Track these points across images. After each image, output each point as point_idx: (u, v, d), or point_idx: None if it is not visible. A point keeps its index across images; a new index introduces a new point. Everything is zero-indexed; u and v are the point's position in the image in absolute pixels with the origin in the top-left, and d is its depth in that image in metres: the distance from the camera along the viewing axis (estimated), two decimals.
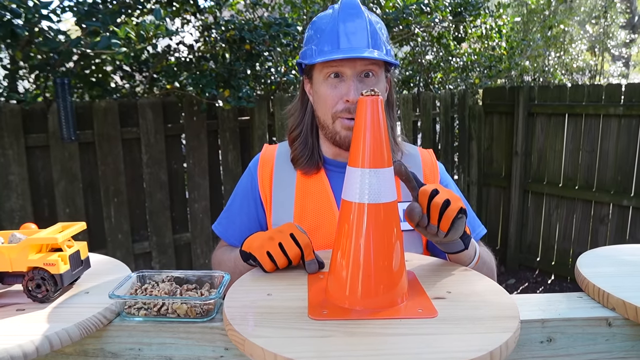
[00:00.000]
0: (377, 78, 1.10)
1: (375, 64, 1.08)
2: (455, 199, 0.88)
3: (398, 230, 0.81)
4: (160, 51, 3.23)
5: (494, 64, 4.43)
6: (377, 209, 0.78)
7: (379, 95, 0.78)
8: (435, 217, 0.88)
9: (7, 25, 1.84)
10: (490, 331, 0.69)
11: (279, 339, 0.68)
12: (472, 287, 0.86)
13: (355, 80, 1.07)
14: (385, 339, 0.68)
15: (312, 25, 1.14)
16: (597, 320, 0.83)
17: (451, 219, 0.87)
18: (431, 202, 0.88)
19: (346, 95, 1.06)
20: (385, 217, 0.79)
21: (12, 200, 2.53)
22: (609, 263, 0.99)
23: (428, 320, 0.74)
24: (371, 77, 1.09)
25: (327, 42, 1.07)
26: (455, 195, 0.90)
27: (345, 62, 1.06)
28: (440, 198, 0.87)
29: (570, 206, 4.04)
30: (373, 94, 0.78)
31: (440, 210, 0.87)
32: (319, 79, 1.11)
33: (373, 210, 0.78)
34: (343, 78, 1.08)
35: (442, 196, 0.87)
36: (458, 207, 0.87)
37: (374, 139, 0.77)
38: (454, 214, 0.87)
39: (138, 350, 0.80)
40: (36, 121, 2.56)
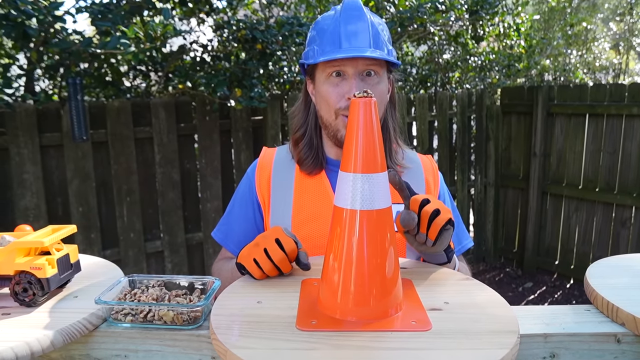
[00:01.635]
0: (379, 77, 1.09)
1: (377, 63, 1.07)
2: (445, 210, 0.90)
3: (392, 238, 0.77)
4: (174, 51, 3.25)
5: (512, 63, 4.33)
6: (370, 215, 0.75)
7: (372, 97, 0.75)
8: (425, 225, 0.89)
9: (19, 26, 1.85)
10: (485, 347, 0.66)
11: (262, 351, 0.65)
12: (471, 298, 0.82)
13: (357, 78, 1.06)
14: (373, 353, 0.65)
15: (315, 26, 1.13)
16: (604, 336, 0.78)
17: (439, 228, 0.89)
18: (422, 210, 0.89)
19: (348, 92, 1.05)
20: (378, 224, 0.75)
21: (26, 199, 2.57)
22: (621, 274, 0.93)
23: (421, 333, 0.70)
24: (373, 76, 1.07)
25: (329, 42, 1.06)
26: (446, 207, 0.91)
27: (347, 61, 1.05)
28: (430, 207, 0.89)
29: (591, 209, 3.92)
30: (366, 95, 0.74)
31: (429, 218, 0.89)
32: (321, 79, 1.10)
33: (365, 217, 0.75)
34: (345, 76, 1.07)
35: (432, 205, 0.90)
36: (447, 218, 0.90)
37: (366, 142, 0.74)
38: (442, 223, 0.89)
39: (124, 357, 0.79)
40: (50, 120, 2.59)
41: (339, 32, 1.05)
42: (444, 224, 0.89)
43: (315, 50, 1.08)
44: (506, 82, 4.62)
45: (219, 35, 2.92)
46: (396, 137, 1.19)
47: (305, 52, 1.14)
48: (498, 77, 4.77)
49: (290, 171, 1.18)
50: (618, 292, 0.84)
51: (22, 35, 1.87)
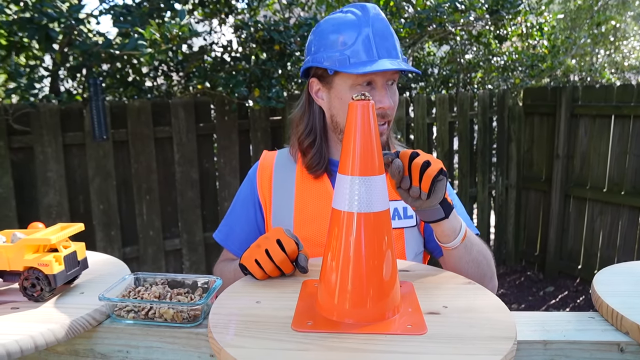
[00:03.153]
0: (396, 85, 1.13)
1: (397, 73, 1.10)
2: (436, 161, 0.90)
3: (389, 240, 0.77)
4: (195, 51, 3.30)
5: (535, 64, 4.24)
6: (368, 218, 0.75)
7: (370, 100, 0.75)
8: (417, 177, 0.89)
9: (43, 29, 1.91)
10: (479, 352, 0.65)
11: (255, 350, 0.66)
12: (471, 302, 0.81)
13: (386, 88, 1.08)
14: (365, 355, 0.65)
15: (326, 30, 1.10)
16: (607, 345, 0.76)
17: (431, 178, 0.87)
18: (412, 163, 0.89)
19: (380, 102, 1.07)
20: (376, 226, 0.75)
21: (50, 196, 2.65)
22: (630, 281, 0.91)
23: (415, 337, 0.70)
24: (394, 85, 1.11)
25: (364, 51, 1.05)
26: (436, 159, 0.91)
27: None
28: (420, 159, 0.89)
29: (616, 212, 3.81)
30: (363, 98, 0.74)
31: (420, 170, 0.88)
32: (344, 86, 1.08)
33: (363, 219, 0.75)
34: (374, 86, 1.08)
35: (422, 158, 0.89)
36: (438, 168, 0.88)
37: (364, 145, 0.74)
38: (434, 173, 0.88)
39: (126, 352, 0.81)
40: (73, 120, 2.66)
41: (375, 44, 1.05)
42: (436, 174, 0.87)
43: (345, 57, 1.05)
44: (529, 83, 4.53)
45: (238, 37, 2.95)
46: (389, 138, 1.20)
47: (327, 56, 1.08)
48: (521, 77, 4.68)
49: (291, 173, 1.19)
50: (624, 299, 0.82)
51: (45, 37, 1.93)
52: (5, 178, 2.51)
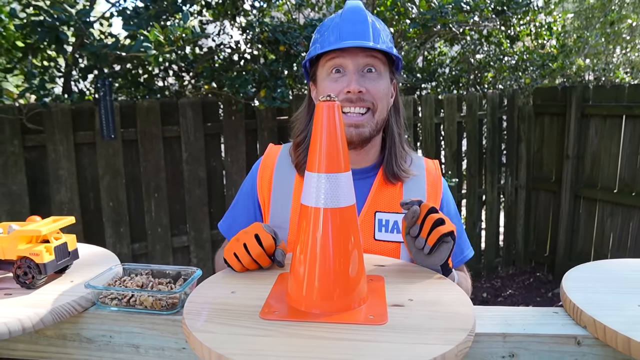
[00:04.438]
0: (379, 74, 1.10)
1: (378, 59, 1.09)
2: (450, 224, 0.93)
3: (356, 235, 0.81)
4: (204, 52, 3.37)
5: (546, 63, 4.21)
6: (334, 213, 0.79)
7: (336, 101, 0.79)
8: (427, 229, 0.92)
9: (53, 32, 2.00)
10: (431, 342, 0.68)
11: (220, 335, 0.70)
12: (438, 296, 0.84)
13: (357, 74, 1.07)
14: (320, 342, 0.69)
15: (319, 29, 1.16)
16: (564, 338, 0.79)
17: (440, 234, 0.91)
18: (428, 214, 0.93)
19: (347, 86, 1.07)
20: (342, 221, 0.79)
21: (61, 193, 2.74)
22: (596, 278, 0.93)
23: (374, 327, 0.73)
24: (373, 73, 1.09)
25: (330, 36, 1.09)
26: (451, 222, 0.94)
27: (347, 55, 1.07)
28: (436, 215, 0.93)
29: (627, 214, 3.76)
30: (329, 99, 0.78)
31: (433, 224, 0.92)
32: (322, 76, 1.13)
33: (329, 214, 0.79)
34: (345, 72, 1.08)
35: (439, 215, 0.93)
36: (450, 229, 0.92)
37: (329, 144, 0.78)
38: (444, 230, 0.92)
39: (110, 337, 0.86)
40: (84, 120, 2.75)
41: (340, 28, 1.08)
42: (445, 233, 0.91)
43: (316, 47, 1.11)
44: (539, 82, 4.49)
45: (245, 38, 3.01)
46: (402, 143, 1.18)
47: (308, 53, 1.16)
48: (532, 77, 4.64)
49: (292, 171, 1.19)
50: (586, 295, 0.85)
51: (55, 40, 2.01)
52: (19, 175, 2.61)
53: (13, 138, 2.56)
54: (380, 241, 1.10)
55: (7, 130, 2.54)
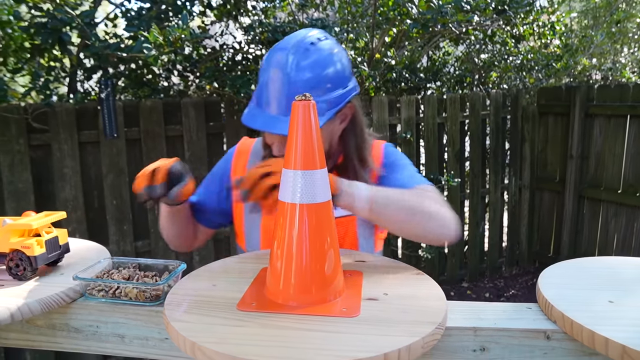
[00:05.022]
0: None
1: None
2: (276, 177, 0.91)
3: (331, 230, 0.84)
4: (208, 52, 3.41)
5: (550, 63, 4.20)
6: (310, 208, 0.81)
7: (311, 100, 0.81)
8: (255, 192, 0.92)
9: (55, 33, 2.04)
10: (398, 334, 0.71)
11: (196, 325, 0.73)
12: (413, 291, 0.87)
13: (279, 142, 1.09)
14: (291, 332, 0.71)
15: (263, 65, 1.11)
16: (534, 333, 0.80)
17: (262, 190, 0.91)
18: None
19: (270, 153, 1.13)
20: (318, 217, 0.82)
21: (66, 191, 2.79)
22: (576, 275, 0.95)
23: (346, 319, 0.76)
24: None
25: (254, 100, 1.10)
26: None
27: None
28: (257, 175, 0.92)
29: (631, 214, 3.74)
30: (304, 98, 0.81)
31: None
32: None
33: (305, 209, 0.81)
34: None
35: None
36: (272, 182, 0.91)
37: (305, 142, 0.81)
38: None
39: (96, 327, 0.90)
40: (88, 119, 2.80)
41: (261, 94, 1.07)
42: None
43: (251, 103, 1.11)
44: (544, 82, 4.48)
45: (246, 38, 3.05)
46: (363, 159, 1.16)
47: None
48: (539, 76, 4.63)
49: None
50: (559, 291, 0.86)
51: (58, 41, 2.06)
52: (25, 174, 2.66)
53: (19, 137, 2.62)
54: (339, 217, 1.10)
55: (13, 130, 2.60)
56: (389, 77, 3.55)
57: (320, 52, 1.05)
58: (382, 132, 3.68)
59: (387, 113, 3.68)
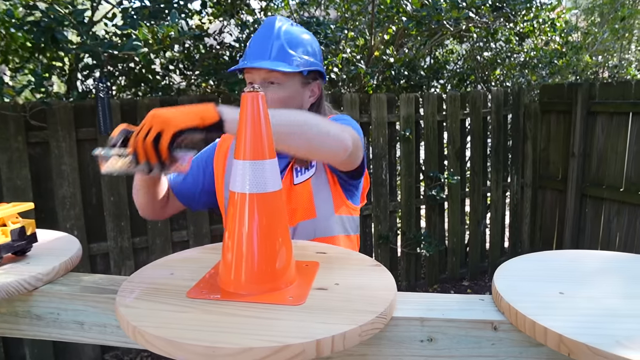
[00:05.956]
0: (281, 86, 1.24)
1: (280, 74, 1.23)
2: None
3: (283, 219, 0.85)
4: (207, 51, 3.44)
5: (553, 61, 4.16)
6: (260, 198, 0.82)
7: (260, 91, 0.82)
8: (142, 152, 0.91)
9: (49, 32, 2.09)
10: (337, 322, 0.71)
11: (141, 311, 0.75)
12: (365, 281, 0.87)
13: (264, 85, 1.24)
14: (232, 318, 0.73)
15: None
16: (481, 323, 0.80)
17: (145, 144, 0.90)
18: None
19: None
20: (268, 206, 0.83)
21: (64, 188, 2.84)
22: (534, 267, 0.94)
23: (289, 307, 0.77)
24: (273, 85, 1.24)
25: (245, 52, 1.28)
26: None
27: (253, 71, 1.24)
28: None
29: (633, 213, 3.69)
30: (253, 90, 0.82)
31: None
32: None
33: (255, 199, 0.82)
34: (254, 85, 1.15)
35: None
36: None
37: (254, 132, 0.82)
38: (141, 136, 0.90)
39: (57, 314, 0.92)
40: (86, 117, 2.84)
41: (250, 46, 1.26)
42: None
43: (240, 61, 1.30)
44: (548, 80, 4.43)
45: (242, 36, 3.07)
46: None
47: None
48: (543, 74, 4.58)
49: None
50: (511, 283, 0.86)
51: (52, 40, 2.10)
52: (23, 171, 2.72)
53: (17, 135, 2.67)
54: (298, 184, 1.26)
55: (12, 127, 2.66)
56: (387, 74, 3.55)
57: (300, 27, 1.30)
58: (381, 130, 3.68)
59: (385, 111, 3.67)
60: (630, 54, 5.02)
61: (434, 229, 4.07)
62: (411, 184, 3.90)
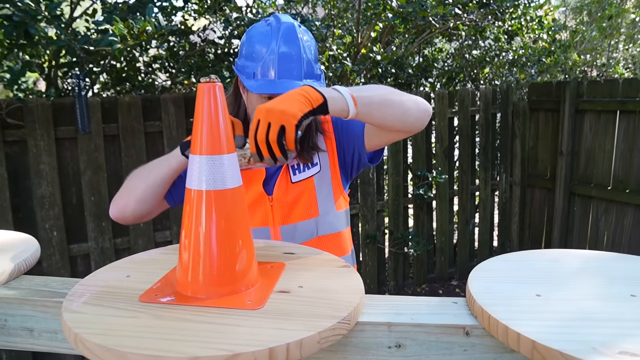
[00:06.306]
0: None
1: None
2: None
3: (243, 217, 0.80)
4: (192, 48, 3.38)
5: (541, 59, 4.14)
6: (218, 196, 0.77)
7: (217, 82, 0.77)
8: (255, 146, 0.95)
9: (21, 26, 2.02)
10: (294, 328, 0.67)
11: (87, 316, 0.70)
12: (331, 284, 0.82)
13: None
14: (183, 324, 0.68)
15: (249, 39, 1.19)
16: (453, 328, 0.76)
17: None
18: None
19: None
20: (227, 204, 0.78)
21: (42, 188, 2.77)
22: (511, 267, 0.90)
23: (247, 312, 0.72)
24: None
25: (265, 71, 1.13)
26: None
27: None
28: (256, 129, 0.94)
29: (621, 211, 3.67)
30: (209, 80, 0.77)
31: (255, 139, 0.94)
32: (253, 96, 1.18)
33: (212, 197, 0.77)
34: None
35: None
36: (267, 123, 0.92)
37: (210, 125, 0.77)
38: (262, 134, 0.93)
39: (4, 320, 0.86)
40: (65, 114, 2.77)
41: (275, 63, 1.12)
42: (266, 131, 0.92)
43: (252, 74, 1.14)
44: (537, 78, 4.42)
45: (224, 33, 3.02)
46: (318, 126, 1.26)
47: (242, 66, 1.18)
48: (532, 72, 4.57)
49: None
50: (487, 284, 0.82)
51: (24, 35, 2.03)
52: (0, 170, 2.64)
53: None
54: (297, 182, 1.22)
55: None
56: (374, 72, 3.51)
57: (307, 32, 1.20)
58: None
59: None
60: (618, 52, 5.02)
61: (422, 228, 4.04)
62: (399, 182, 3.87)
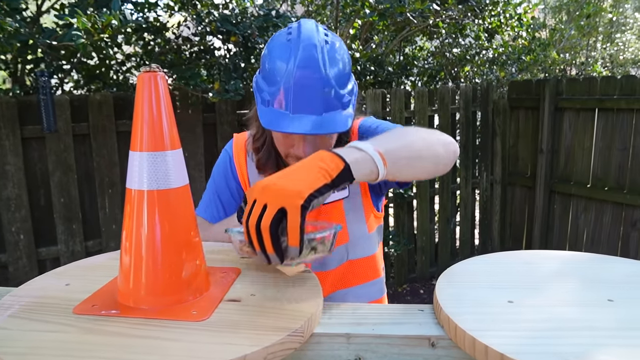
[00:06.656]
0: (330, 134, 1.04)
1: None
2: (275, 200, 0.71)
3: (189, 219, 0.73)
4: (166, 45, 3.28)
5: (521, 57, 4.13)
6: (161, 196, 0.71)
7: (158, 71, 0.71)
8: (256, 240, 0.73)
9: None
10: (239, 342, 0.60)
11: (9, 332, 0.63)
12: (286, 292, 0.76)
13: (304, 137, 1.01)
14: (114, 340, 0.61)
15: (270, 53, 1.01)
16: (417, 340, 0.70)
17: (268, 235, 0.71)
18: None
19: (296, 151, 1.04)
20: (171, 204, 0.71)
21: (8, 189, 2.66)
22: (485, 271, 0.85)
23: (189, 324, 0.65)
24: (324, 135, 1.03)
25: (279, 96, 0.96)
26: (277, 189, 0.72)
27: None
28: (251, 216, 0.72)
29: (600, 209, 3.68)
30: (149, 70, 0.70)
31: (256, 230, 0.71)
32: None
33: (155, 197, 0.71)
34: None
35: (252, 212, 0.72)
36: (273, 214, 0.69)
37: (152, 119, 0.70)
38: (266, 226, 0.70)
39: None
40: (32, 113, 2.66)
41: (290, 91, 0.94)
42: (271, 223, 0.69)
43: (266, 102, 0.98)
44: (517, 76, 4.41)
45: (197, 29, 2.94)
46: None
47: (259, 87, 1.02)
48: (512, 70, 4.56)
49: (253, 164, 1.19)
50: (456, 290, 0.76)
51: None
52: None
53: None
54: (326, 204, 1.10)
55: None
56: (353, 70, 3.46)
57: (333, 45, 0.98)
58: None
59: None
60: (596, 51, 5.05)
61: (403, 227, 4.00)
62: None
